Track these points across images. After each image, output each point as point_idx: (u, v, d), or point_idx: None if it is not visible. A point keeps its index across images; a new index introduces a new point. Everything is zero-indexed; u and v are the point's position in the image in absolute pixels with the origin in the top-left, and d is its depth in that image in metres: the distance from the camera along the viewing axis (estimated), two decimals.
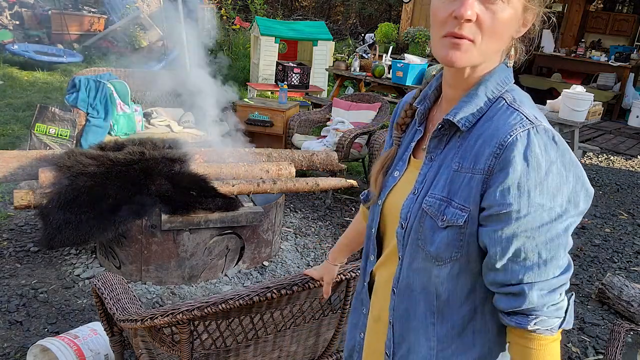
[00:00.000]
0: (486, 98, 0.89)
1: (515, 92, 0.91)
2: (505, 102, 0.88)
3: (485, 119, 0.88)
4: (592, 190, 0.88)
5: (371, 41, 9.52)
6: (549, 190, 0.81)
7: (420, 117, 1.02)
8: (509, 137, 0.82)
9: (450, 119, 0.90)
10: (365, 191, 1.28)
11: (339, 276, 1.53)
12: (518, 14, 0.86)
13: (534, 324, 0.85)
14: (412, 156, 1.02)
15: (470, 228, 0.87)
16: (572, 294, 0.91)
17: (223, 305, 1.36)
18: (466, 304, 0.93)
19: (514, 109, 0.86)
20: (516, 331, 0.88)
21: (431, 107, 1.02)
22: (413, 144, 1.02)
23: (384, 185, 1.05)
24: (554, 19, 0.92)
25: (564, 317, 0.88)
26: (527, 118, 0.84)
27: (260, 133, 4.80)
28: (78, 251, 3.09)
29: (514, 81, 0.93)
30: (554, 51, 9.76)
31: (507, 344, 0.92)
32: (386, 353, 1.04)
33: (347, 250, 1.39)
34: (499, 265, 0.85)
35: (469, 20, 0.82)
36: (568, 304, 0.88)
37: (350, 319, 1.24)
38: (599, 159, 6.62)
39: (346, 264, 1.58)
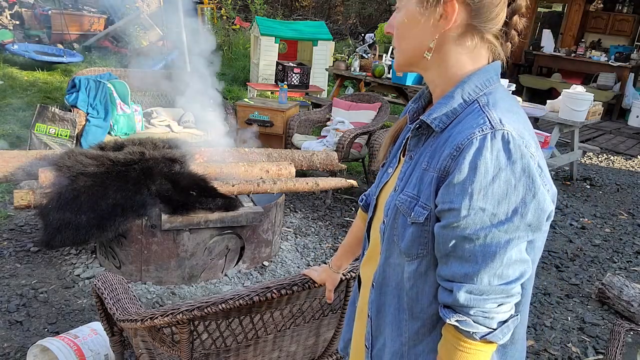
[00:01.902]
0: (461, 100, 0.90)
1: (492, 95, 0.90)
2: (479, 105, 0.88)
3: (457, 121, 0.89)
4: (548, 206, 0.86)
5: (371, 41, 9.51)
6: (494, 196, 0.82)
7: (411, 116, 1.04)
8: (466, 140, 0.83)
9: (424, 120, 0.92)
10: (363, 196, 1.31)
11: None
12: (417, 11, 0.90)
13: (455, 320, 0.87)
14: (401, 154, 1.05)
15: (431, 226, 0.89)
16: (518, 316, 0.90)
17: (223, 305, 1.36)
18: (434, 304, 0.94)
19: (483, 111, 0.86)
20: (446, 326, 0.90)
21: (425, 106, 1.05)
22: (404, 142, 1.04)
23: (378, 181, 1.09)
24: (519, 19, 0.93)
25: (494, 329, 0.87)
26: (490, 122, 0.84)
27: (260, 133, 4.80)
28: (78, 251, 3.09)
29: (499, 82, 0.93)
30: (554, 51, 9.76)
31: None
32: (366, 345, 1.08)
33: (349, 257, 1.40)
34: (442, 257, 0.89)
35: (390, 33, 0.95)
36: (506, 321, 0.88)
37: (347, 312, 1.29)
38: (599, 159, 6.62)
39: None
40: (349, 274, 1.54)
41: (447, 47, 0.91)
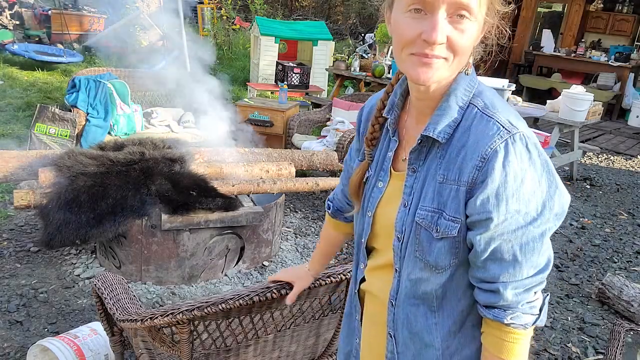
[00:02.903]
0: (458, 107, 0.90)
1: (483, 96, 0.91)
2: (478, 109, 0.89)
3: (463, 129, 0.89)
4: (565, 191, 0.90)
5: (371, 41, 9.51)
6: (524, 196, 0.85)
7: (392, 128, 1.01)
8: (489, 149, 0.84)
9: (429, 135, 0.90)
10: (329, 202, 1.31)
11: (339, 276, 1.53)
12: (481, 26, 0.87)
13: (510, 319, 0.90)
14: (392, 168, 1.02)
15: (463, 235, 0.91)
16: (548, 294, 0.95)
17: (223, 305, 1.36)
18: (464, 299, 0.96)
19: (489, 116, 0.87)
20: (492, 323, 0.92)
21: (399, 114, 1.02)
22: (391, 154, 1.02)
23: (368, 196, 1.05)
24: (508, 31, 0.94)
25: (539, 315, 0.92)
26: (503, 127, 0.85)
27: (260, 133, 4.80)
28: (78, 251, 3.09)
29: (477, 80, 0.94)
30: (554, 51, 9.76)
31: (482, 334, 0.96)
32: None
33: (323, 263, 1.42)
34: (479, 263, 0.90)
35: (438, 43, 0.82)
36: (543, 303, 0.93)
37: (345, 324, 1.26)
38: (599, 159, 6.62)
39: (346, 263, 1.59)
40: (349, 274, 1.54)
41: None
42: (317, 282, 1.48)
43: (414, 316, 0.99)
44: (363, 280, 1.13)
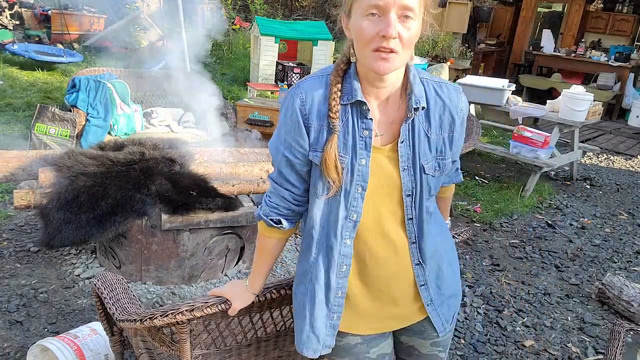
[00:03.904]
0: (420, 83, 1.20)
1: (424, 74, 1.23)
2: (431, 81, 1.22)
3: (432, 97, 1.20)
4: None
5: None
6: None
7: (365, 111, 1.17)
8: (462, 104, 1.24)
9: (418, 106, 1.17)
10: (269, 216, 1.30)
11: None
12: (421, 24, 1.12)
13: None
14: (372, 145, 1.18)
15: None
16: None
17: (223, 306, 1.36)
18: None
19: (443, 83, 1.23)
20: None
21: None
22: (367, 132, 1.17)
23: (352, 175, 1.17)
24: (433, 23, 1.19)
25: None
26: (454, 87, 1.24)
27: (260, 133, 4.80)
28: (78, 251, 3.09)
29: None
30: (554, 51, 9.75)
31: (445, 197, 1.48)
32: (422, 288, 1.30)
33: (264, 280, 1.42)
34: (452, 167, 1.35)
35: (393, 37, 1.05)
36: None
37: (333, 299, 1.27)
38: (599, 159, 6.62)
39: None
40: None
41: None
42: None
43: (432, 237, 1.27)
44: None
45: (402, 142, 1.18)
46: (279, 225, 1.30)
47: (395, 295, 1.29)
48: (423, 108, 1.18)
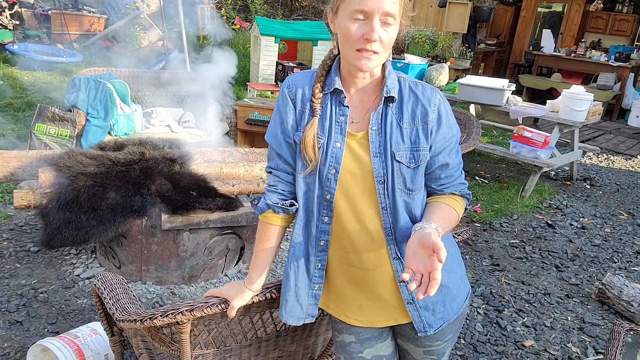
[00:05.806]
0: (395, 77, 1.28)
1: (402, 74, 1.31)
2: (407, 79, 1.30)
3: (406, 92, 1.28)
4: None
5: None
6: (454, 125, 1.31)
7: (342, 99, 1.28)
8: (437, 100, 1.28)
9: (389, 95, 1.25)
10: (263, 205, 1.37)
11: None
12: (399, 27, 1.22)
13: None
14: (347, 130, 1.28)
15: (426, 157, 1.28)
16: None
17: (223, 306, 1.36)
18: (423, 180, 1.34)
19: (420, 83, 1.30)
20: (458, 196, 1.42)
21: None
22: (343, 118, 1.27)
23: (327, 156, 1.26)
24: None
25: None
26: (433, 88, 1.30)
27: (261, 133, 4.80)
28: (78, 251, 3.09)
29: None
30: (554, 51, 9.75)
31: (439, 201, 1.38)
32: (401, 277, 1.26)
33: (264, 275, 1.42)
34: (440, 168, 1.35)
35: (376, 41, 1.16)
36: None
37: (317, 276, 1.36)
38: (599, 159, 6.62)
39: None
40: None
41: None
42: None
43: (407, 224, 1.28)
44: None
45: (372, 129, 1.26)
46: (290, 208, 1.35)
47: (377, 289, 1.32)
48: (393, 98, 1.26)
